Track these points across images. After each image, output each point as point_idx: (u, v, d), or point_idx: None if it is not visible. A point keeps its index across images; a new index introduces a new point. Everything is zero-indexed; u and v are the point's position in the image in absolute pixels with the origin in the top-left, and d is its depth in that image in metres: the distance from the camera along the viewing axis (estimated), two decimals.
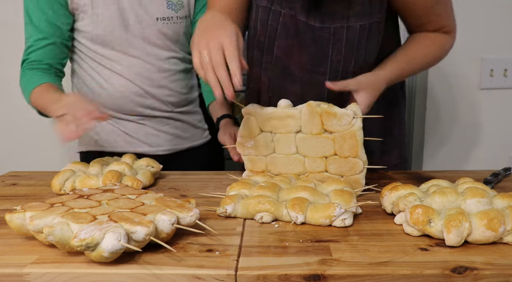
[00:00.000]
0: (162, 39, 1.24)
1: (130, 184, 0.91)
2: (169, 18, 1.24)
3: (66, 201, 0.70)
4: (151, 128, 1.29)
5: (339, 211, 0.72)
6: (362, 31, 0.98)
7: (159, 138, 1.31)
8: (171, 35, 1.25)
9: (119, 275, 0.59)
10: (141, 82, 1.24)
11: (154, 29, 1.23)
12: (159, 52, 1.25)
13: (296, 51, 1.02)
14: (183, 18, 1.27)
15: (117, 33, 1.20)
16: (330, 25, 0.98)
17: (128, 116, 1.27)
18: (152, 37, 1.23)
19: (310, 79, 1.03)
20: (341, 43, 0.99)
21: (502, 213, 0.66)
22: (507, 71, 1.70)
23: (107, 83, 1.24)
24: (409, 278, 0.57)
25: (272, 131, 0.92)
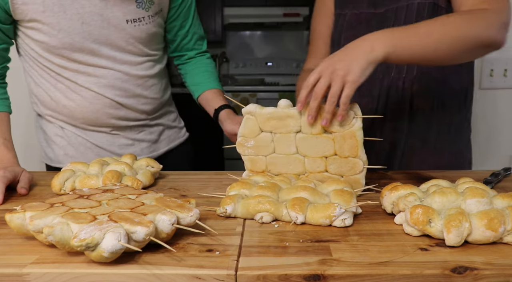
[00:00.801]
0: (133, 43, 1.11)
1: (130, 184, 0.91)
2: (140, 19, 1.09)
3: (66, 201, 0.70)
4: (124, 138, 1.20)
5: (339, 211, 0.72)
6: (421, 9, 1.08)
7: (134, 148, 1.22)
8: (144, 37, 1.12)
9: (119, 275, 0.59)
10: (112, 94, 1.12)
11: (123, 34, 1.09)
12: (131, 58, 1.12)
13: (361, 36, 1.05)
14: (154, 16, 1.12)
15: (78, 43, 1.04)
16: (394, 6, 1.11)
17: (99, 128, 1.16)
18: (121, 43, 1.09)
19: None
20: (400, 19, 1.10)
21: (502, 213, 0.66)
22: (507, 71, 1.70)
23: (75, 94, 1.11)
24: (409, 278, 0.57)
25: (272, 131, 0.92)
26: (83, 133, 1.18)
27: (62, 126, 1.18)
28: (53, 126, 1.20)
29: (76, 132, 1.18)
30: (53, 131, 1.20)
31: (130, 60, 1.13)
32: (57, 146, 1.20)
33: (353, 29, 1.17)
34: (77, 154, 1.19)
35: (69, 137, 1.19)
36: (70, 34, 1.04)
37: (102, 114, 1.14)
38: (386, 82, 1.14)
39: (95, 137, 1.18)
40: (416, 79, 1.13)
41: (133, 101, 1.16)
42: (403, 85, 1.13)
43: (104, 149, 1.19)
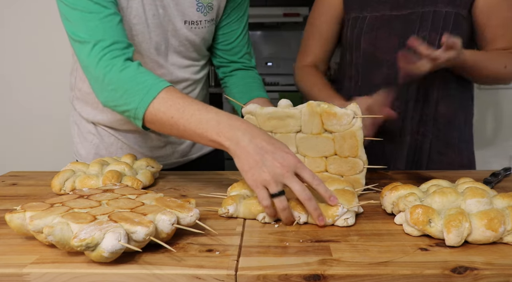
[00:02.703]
0: (184, 46, 1.09)
1: (130, 184, 0.91)
2: (197, 22, 1.07)
3: (66, 201, 0.70)
4: (157, 140, 1.16)
5: (341, 211, 0.72)
6: (448, 17, 1.11)
7: (165, 151, 1.19)
8: (197, 41, 1.10)
9: (119, 275, 0.59)
10: None
11: (179, 34, 1.07)
12: (179, 60, 1.11)
13: (383, 38, 1.14)
14: (211, 21, 1.11)
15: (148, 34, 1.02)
16: (419, 10, 1.12)
17: (132, 126, 1.13)
18: (175, 43, 1.08)
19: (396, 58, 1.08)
20: (427, 22, 1.11)
21: (502, 213, 0.66)
22: None
23: None
24: (409, 278, 0.57)
25: (272, 131, 0.92)
26: (115, 133, 1.16)
27: (96, 124, 1.17)
28: (87, 123, 1.18)
29: (109, 131, 1.16)
30: (87, 128, 1.19)
31: (177, 62, 1.11)
32: (89, 143, 1.18)
33: (374, 31, 1.17)
34: (107, 153, 1.17)
35: (101, 136, 1.17)
36: (143, 22, 1.01)
37: None
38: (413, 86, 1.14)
39: (127, 137, 1.16)
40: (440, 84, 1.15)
41: None
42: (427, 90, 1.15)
43: (135, 150, 1.16)
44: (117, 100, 0.87)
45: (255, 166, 0.73)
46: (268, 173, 0.72)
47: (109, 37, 0.88)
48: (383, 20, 1.16)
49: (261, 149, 0.74)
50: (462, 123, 1.20)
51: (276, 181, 0.72)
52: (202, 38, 1.12)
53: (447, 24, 1.10)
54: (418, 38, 0.96)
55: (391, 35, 1.14)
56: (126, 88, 0.85)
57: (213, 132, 0.77)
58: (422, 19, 1.12)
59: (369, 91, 1.13)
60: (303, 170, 0.73)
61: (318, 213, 0.71)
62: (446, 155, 1.18)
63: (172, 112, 0.81)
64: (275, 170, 0.72)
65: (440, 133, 1.17)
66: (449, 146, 1.18)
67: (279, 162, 0.72)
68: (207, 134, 0.77)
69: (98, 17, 0.89)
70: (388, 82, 1.13)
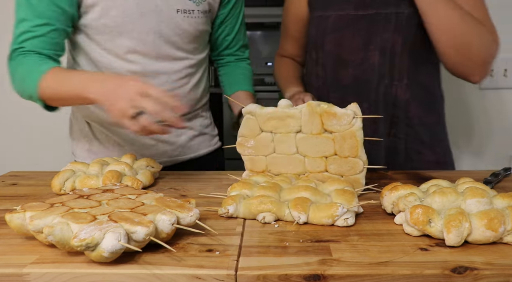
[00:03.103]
0: (178, 37, 1.10)
1: (130, 184, 0.91)
2: (190, 11, 1.09)
3: (66, 201, 0.70)
4: (148, 138, 1.16)
5: (341, 211, 0.72)
6: (411, 18, 1.10)
7: (156, 149, 1.18)
8: (191, 31, 1.11)
9: (119, 275, 0.59)
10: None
11: (172, 23, 1.08)
12: (173, 53, 1.11)
13: (348, 39, 1.14)
14: (203, 13, 1.12)
15: (131, 25, 1.04)
16: (383, 11, 1.12)
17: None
18: (168, 33, 1.08)
19: (362, 58, 1.13)
20: (391, 23, 1.11)
21: (502, 213, 0.66)
22: (507, 71, 1.70)
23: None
24: (409, 278, 0.57)
25: (272, 131, 0.92)
26: (107, 131, 1.17)
27: (89, 121, 1.19)
28: (82, 121, 1.20)
29: (101, 129, 1.17)
30: (81, 126, 1.21)
31: (173, 53, 1.11)
32: (83, 141, 1.20)
33: (338, 31, 1.16)
34: (99, 150, 1.18)
35: (94, 133, 1.19)
36: (123, 13, 1.04)
37: None
38: (381, 88, 1.15)
39: (119, 134, 1.17)
40: (408, 86, 1.15)
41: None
42: (397, 92, 1.15)
43: (127, 147, 1.18)
44: (20, 87, 1.01)
45: (114, 102, 0.84)
46: (123, 102, 0.83)
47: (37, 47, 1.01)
48: (348, 19, 1.15)
49: (114, 88, 0.86)
50: (434, 123, 1.20)
51: (132, 105, 0.82)
52: (197, 29, 1.13)
53: (410, 26, 1.10)
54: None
55: (355, 36, 1.14)
56: (23, 76, 0.99)
57: (82, 90, 0.91)
58: (385, 20, 1.11)
59: (337, 92, 1.17)
60: (149, 89, 0.83)
61: (172, 120, 0.83)
62: (422, 153, 1.18)
63: (56, 86, 0.95)
64: (127, 97, 0.83)
65: (414, 133, 1.17)
66: (424, 145, 1.19)
67: (128, 91, 0.83)
68: (79, 94, 0.91)
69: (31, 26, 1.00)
70: (354, 83, 1.15)
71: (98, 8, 1.03)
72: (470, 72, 1.07)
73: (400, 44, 1.11)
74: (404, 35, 1.10)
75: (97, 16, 1.04)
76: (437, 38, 1.05)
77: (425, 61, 1.16)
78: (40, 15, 0.99)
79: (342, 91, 1.16)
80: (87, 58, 1.11)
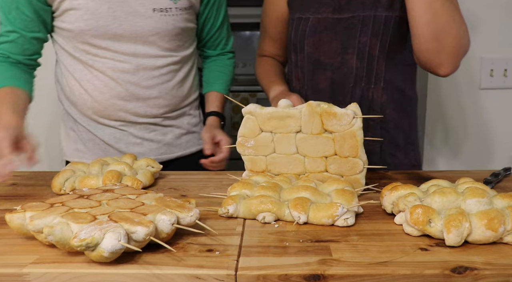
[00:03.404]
0: (157, 35, 1.11)
1: (130, 184, 0.91)
2: (167, 9, 1.10)
3: (66, 201, 0.70)
4: (133, 136, 1.17)
5: (341, 211, 0.72)
6: (388, 22, 1.10)
7: (142, 148, 1.18)
8: (169, 29, 1.11)
9: (119, 275, 0.59)
10: (126, 82, 1.12)
11: (148, 23, 1.09)
12: (152, 51, 1.12)
13: (326, 42, 1.14)
14: (183, 10, 1.12)
15: (102, 28, 1.06)
16: (360, 14, 1.11)
17: (108, 122, 1.16)
18: (145, 33, 1.09)
19: (340, 62, 1.14)
20: (368, 27, 1.11)
21: (502, 213, 0.66)
22: (507, 71, 1.70)
23: (89, 83, 1.12)
24: (409, 278, 0.57)
25: (272, 131, 0.92)
26: (92, 128, 1.18)
27: (76, 119, 1.20)
28: (70, 120, 1.22)
29: (86, 127, 1.18)
30: (69, 125, 1.22)
31: (152, 52, 1.12)
32: (70, 139, 1.22)
33: (317, 34, 1.15)
34: (85, 149, 1.20)
35: (80, 132, 1.20)
36: (96, 17, 1.06)
37: (110, 104, 1.13)
38: (358, 92, 1.14)
39: (104, 133, 1.17)
40: (384, 90, 1.15)
41: (145, 94, 1.14)
42: (373, 96, 1.14)
43: (111, 146, 1.18)
44: None
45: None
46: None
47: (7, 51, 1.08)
48: (326, 23, 1.14)
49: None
50: (407, 127, 1.20)
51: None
52: (176, 26, 1.12)
53: (387, 29, 1.10)
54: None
55: (333, 40, 1.13)
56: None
57: None
58: (363, 24, 1.11)
59: (314, 94, 1.16)
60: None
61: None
62: (396, 156, 1.19)
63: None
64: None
65: (389, 136, 1.17)
66: (398, 148, 1.19)
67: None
68: None
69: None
70: (332, 86, 1.15)
71: (72, 12, 1.06)
72: (442, 62, 1.03)
73: (378, 47, 1.11)
74: (381, 39, 1.10)
75: (73, 20, 1.07)
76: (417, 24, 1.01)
77: (401, 64, 1.16)
78: (9, 22, 1.06)
79: (319, 94, 1.16)
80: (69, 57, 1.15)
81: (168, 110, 1.19)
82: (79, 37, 1.09)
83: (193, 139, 1.28)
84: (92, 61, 1.12)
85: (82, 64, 1.13)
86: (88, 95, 1.14)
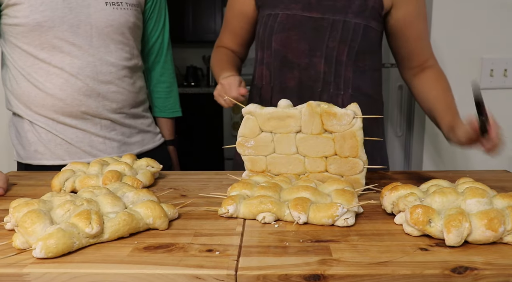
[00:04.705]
0: (112, 26, 1.15)
1: (130, 183, 0.91)
2: (118, 3, 1.16)
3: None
4: (95, 136, 1.19)
5: (341, 211, 0.72)
6: (357, 29, 1.10)
7: (105, 146, 1.21)
8: (122, 22, 1.17)
9: (119, 275, 0.59)
10: (85, 77, 1.14)
11: (103, 15, 1.14)
12: (107, 44, 1.16)
13: (294, 41, 1.13)
14: (132, 5, 1.19)
15: (58, 19, 1.09)
16: (330, 17, 1.10)
17: (69, 120, 1.16)
18: (100, 24, 1.14)
19: (308, 63, 1.12)
20: (337, 32, 1.10)
21: (502, 213, 0.66)
22: (507, 71, 1.70)
23: (46, 81, 1.13)
24: (409, 278, 0.57)
25: (272, 131, 0.92)
26: (53, 129, 1.17)
27: (33, 121, 1.18)
28: (24, 122, 1.20)
29: (46, 128, 1.17)
30: (25, 127, 1.20)
31: (105, 44, 1.16)
32: (28, 142, 1.20)
33: (285, 31, 1.14)
34: (46, 150, 1.19)
35: (39, 133, 1.18)
36: (52, 8, 1.08)
37: (72, 100, 1.14)
38: (326, 98, 1.14)
39: (66, 133, 1.18)
40: (352, 96, 1.14)
41: (105, 88, 1.18)
42: (342, 102, 1.14)
43: (74, 146, 1.19)
44: None
45: None
46: None
47: None
48: (295, 20, 1.13)
49: None
50: (376, 131, 1.20)
51: None
52: (128, 20, 1.18)
53: (356, 36, 1.10)
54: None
55: (301, 40, 1.12)
56: None
57: None
58: (332, 28, 1.10)
59: (281, 93, 1.16)
60: None
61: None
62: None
63: None
64: None
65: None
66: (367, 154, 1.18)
67: None
68: None
69: None
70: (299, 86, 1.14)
71: (25, 5, 1.08)
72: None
73: (346, 54, 1.11)
74: (350, 45, 1.10)
75: (27, 13, 1.08)
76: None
77: (370, 70, 1.16)
78: None
79: (286, 92, 1.15)
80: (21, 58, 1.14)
81: (126, 105, 1.24)
82: (35, 31, 1.09)
83: (148, 137, 1.33)
84: (50, 58, 1.12)
85: (38, 63, 1.13)
86: (46, 95, 1.14)
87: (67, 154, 1.18)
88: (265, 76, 1.19)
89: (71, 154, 1.19)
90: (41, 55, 1.12)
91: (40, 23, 1.08)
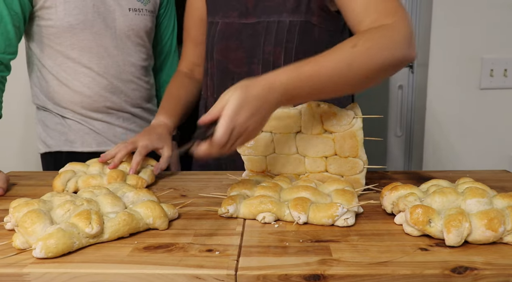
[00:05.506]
0: (132, 31, 1.26)
1: (134, 182, 0.92)
2: (139, 10, 1.27)
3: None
4: (119, 127, 1.31)
5: (341, 211, 0.72)
6: (292, 28, 1.03)
7: (126, 136, 1.31)
8: (141, 27, 1.27)
9: (119, 275, 0.59)
10: (110, 76, 1.24)
11: (126, 20, 1.24)
12: (128, 46, 1.27)
13: (233, 50, 1.10)
14: (150, 12, 1.30)
15: (89, 22, 1.19)
16: (265, 19, 1.05)
17: (96, 114, 1.27)
18: (123, 28, 1.24)
19: (246, 72, 1.08)
20: (271, 35, 1.05)
21: (502, 213, 0.66)
22: (507, 71, 1.71)
23: (74, 80, 1.22)
24: (409, 278, 0.57)
25: (272, 131, 0.92)
26: (83, 121, 1.27)
27: (63, 115, 1.27)
28: (54, 116, 1.29)
29: (77, 120, 1.27)
30: (54, 121, 1.29)
31: (128, 46, 1.27)
32: (57, 133, 1.28)
33: (224, 40, 1.10)
34: (77, 138, 1.27)
35: (69, 125, 1.27)
36: (83, 12, 1.18)
37: (98, 97, 1.25)
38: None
39: (93, 124, 1.28)
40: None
41: (126, 86, 1.28)
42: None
43: (101, 135, 1.29)
44: None
45: None
46: None
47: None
48: (232, 28, 1.08)
49: None
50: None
51: None
52: (146, 25, 1.30)
53: (291, 36, 1.03)
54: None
55: (239, 48, 1.08)
56: None
57: None
58: (267, 31, 1.04)
59: None
60: None
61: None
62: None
63: None
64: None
65: None
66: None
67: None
68: None
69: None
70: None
71: (60, 9, 1.16)
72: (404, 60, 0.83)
73: (283, 56, 1.05)
74: (286, 47, 1.04)
75: (62, 16, 1.17)
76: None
77: None
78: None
79: None
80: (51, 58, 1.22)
81: (143, 100, 1.35)
82: (68, 32, 1.18)
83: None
84: (79, 58, 1.21)
85: (67, 62, 1.21)
86: (74, 92, 1.24)
87: (95, 142, 1.28)
88: (209, 87, 1.16)
89: (99, 142, 1.29)
90: (71, 55, 1.21)
91: (73, 25, 1.18)
